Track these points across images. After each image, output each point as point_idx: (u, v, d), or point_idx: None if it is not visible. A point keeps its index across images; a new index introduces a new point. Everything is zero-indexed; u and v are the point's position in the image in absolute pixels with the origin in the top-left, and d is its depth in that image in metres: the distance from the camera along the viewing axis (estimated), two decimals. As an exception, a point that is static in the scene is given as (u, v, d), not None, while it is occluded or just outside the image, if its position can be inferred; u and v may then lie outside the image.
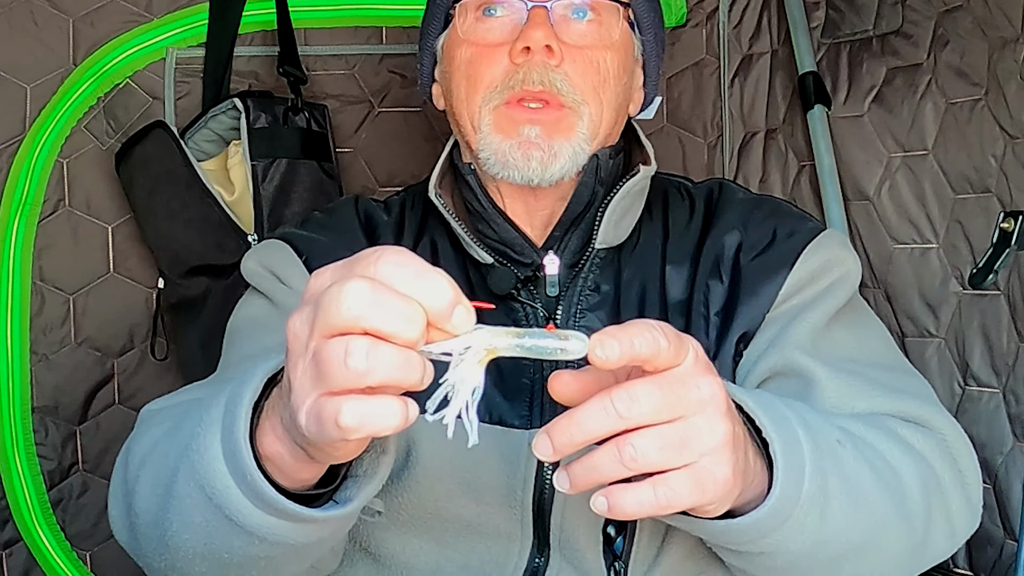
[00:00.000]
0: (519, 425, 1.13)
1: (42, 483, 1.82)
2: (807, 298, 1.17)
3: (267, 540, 0.84)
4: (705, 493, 0.77)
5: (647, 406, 0.74)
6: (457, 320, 0.69)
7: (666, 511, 0.76)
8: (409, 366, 0.68)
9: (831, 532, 0.90)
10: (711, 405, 0.76)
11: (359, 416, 0.67)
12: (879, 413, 1.08)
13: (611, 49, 1.20)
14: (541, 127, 1.16)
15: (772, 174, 2.01)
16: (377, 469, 0.86)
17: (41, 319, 1.83)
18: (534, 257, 1.20)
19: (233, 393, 0.82)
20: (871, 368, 1.14)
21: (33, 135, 1.80)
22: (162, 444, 0.95)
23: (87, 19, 1.82)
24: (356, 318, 0.66)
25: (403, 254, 0.69)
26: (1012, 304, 1.54)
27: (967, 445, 1.12)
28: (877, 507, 0.95)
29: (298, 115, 1.80)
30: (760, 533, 0.86)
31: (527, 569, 1.13)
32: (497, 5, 1.19)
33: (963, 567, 1.62)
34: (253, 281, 1.25)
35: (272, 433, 0.80)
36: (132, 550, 1.01)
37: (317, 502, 0.85)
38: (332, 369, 0.67)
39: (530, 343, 0.71)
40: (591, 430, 0.74)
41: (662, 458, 0.75)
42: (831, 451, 0.91)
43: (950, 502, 1.06)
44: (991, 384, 1.59)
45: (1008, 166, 1.55)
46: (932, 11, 1.71)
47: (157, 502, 0.92)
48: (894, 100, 1.77)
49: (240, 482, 0.81)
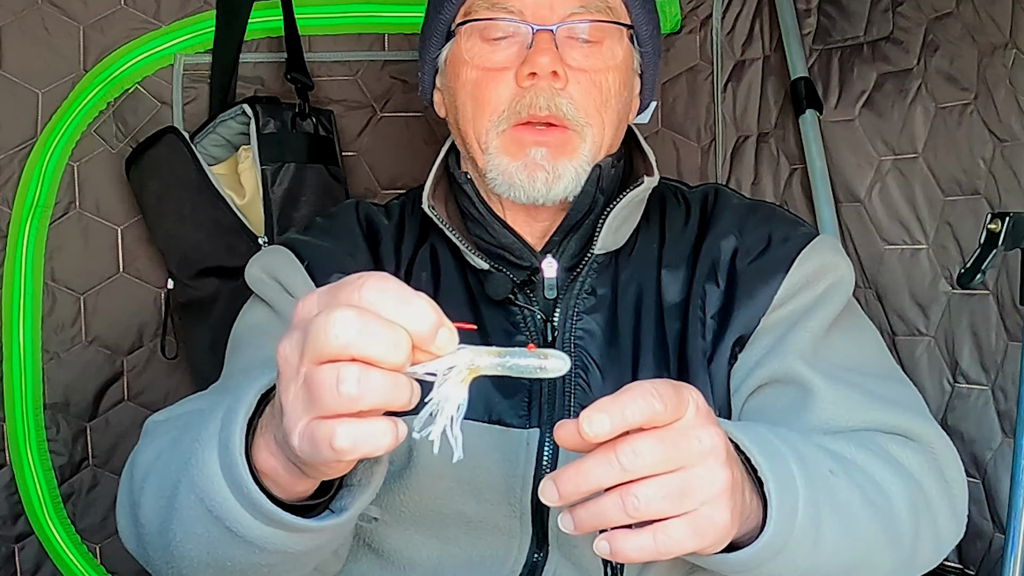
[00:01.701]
0: (517, 424, 1.13)
1: (53, 478, 1.82)
2: (804, 304, 1.16)
3: (266, 549, 0.84)
4: (704, 539, 0.79)
5: (650, 459, 0.76)
6: (441, 342, 0.70)
7: (665, 557, 0.78)
8: (398, 389, 0.68)
9: (823, 558, 0.92)
10: (711, 455, 0.78)
11: (352, 439, 0.68)
12: (872, 428, 1.08)
13: (613, 70, 1.18)
14: (547, 148, 1.15)
15: (764, 177, 2.01)
16: (371, 479, 0.86)
17: (52, 318, 1.82)
18: (532, 261, 1.19)
19: (228, 409, 0.83)
20: (867, 378, 1.14)
21: (45, 139, 1.80)
22: (164, 456, 0.95)
23: (97, 26, 1.82)
24: (345, 346, 0.67)
25: (385, 279, 0.70)
26: (1000, 303, 1.54)
27: (954, 455, 1.12)
28: (867, 531, 0.96)
29: (305, 120, 1.79)
30: (755, 564, 0.88)
31: (526, 564, 1.13)
32: (502, 28, 1.17)
33: (953, 560, 1.62)
34: (256, 288, 1.24)
35: (267, 449, 0.80)
36: (140, 558, 1.01)
37: (313, 511, 0.85)
38: (324, 395, 0.68)
39: (511, 362, 0.72)
40: (596, 481, 0.77)
41: (664, 507, 0.77)
42: (824, 482, 0.93)
43: (937, 515, 1.07)
44: (980, 381, 1.59)
45: (996, 169, 1.55)
46: (922, 17, 1.70)
47: (161, 513, 0.92)
48: (884, 104, 1.76)
49: (238, 495, 0.81)
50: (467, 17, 1.19)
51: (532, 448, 1.12)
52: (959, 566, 1.61)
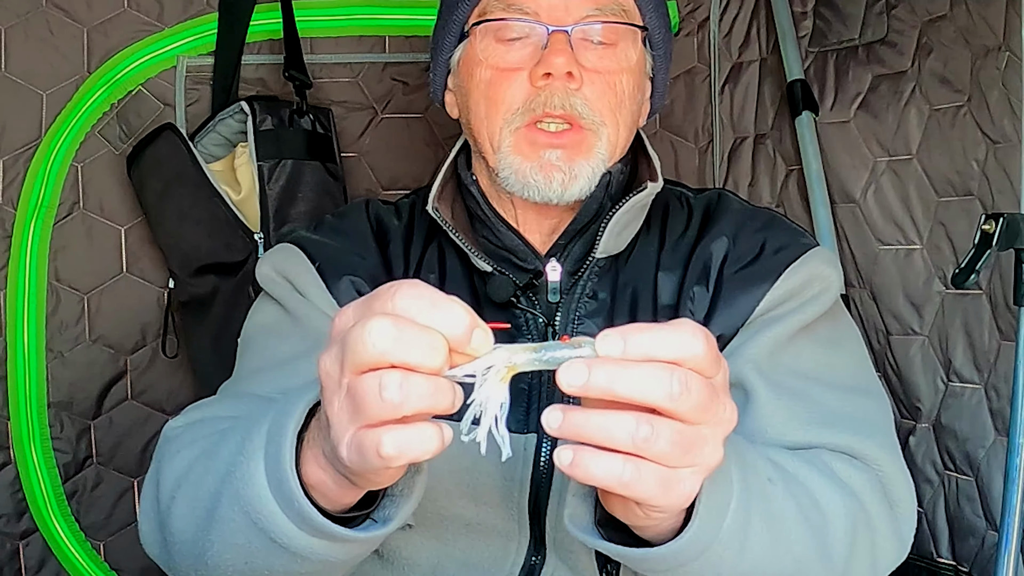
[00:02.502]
0: (516, 430, 1.12)
1: (57, 476, 1.82)
2: (781, 312, 1.14)
3: (309, 559, 0.84)
4: (667, 497, 0.73)
5: (694, 398, 0.69)
6: (476, 343, 0.69)
7: (622, 492, 0.71)
8: (440, 393, 0.68)
9: (748, 566, 0.87)
10: (724, 426, 0.74)
11: (400, 445, 0.68)
12: (817, 445, 1.05)
13: (627, 72, 1.17)
14: (562, 150, 1.14)
15: (761, 178, 2.01)
16: (413, 488, 0.86)
17: (56, 318, 1.83)
18: (536, 264, 1.18)
19: (275, 424, 0.82)
20: (824, 389, 1.10)
21: (49, 140, 1.80)
22: (197, 467, 0.95)
23: (101, 28, 1.82)
24: (383, 353, 0.67)
25: (417, 287, 0.69)
26: (993, 303, 1.54)
27: (904, 477, 1.08)
28: (798, 544, 0.92)
29: (303, 118, 1.79)
30: (678, 562, 0.84)
31: (524, 567, 1.13)
32: (517, 29, 1.16)
33: (947, 557, 1.62)
34: (267, 287, 1.23)
35: (315, 463, 0.80)
36: (165, 565, 1.00)
37: (354, 522, 0.85)
38: (368, 403, 0.68)
39: (547, 356, 0.71)
40: (636, 394, 0.68)
41: (667, 452, 0.70)
42: (760, 489, 0.89)
43: (876, 536, 1.03)
44: (973, 380, 1.59)
45: (990, 170, 1.55)
46: (916, 20, 1.70)
47: (197, 523, 0.91)
48: (879, 106, 1.77)
49: (286, 508, 0.81)
50: (482, 17, 1.18)
51: (530, 453, 1.11)
52: (952, 563, 1.61)
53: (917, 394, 1.69)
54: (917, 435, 1.68)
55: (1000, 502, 1.39)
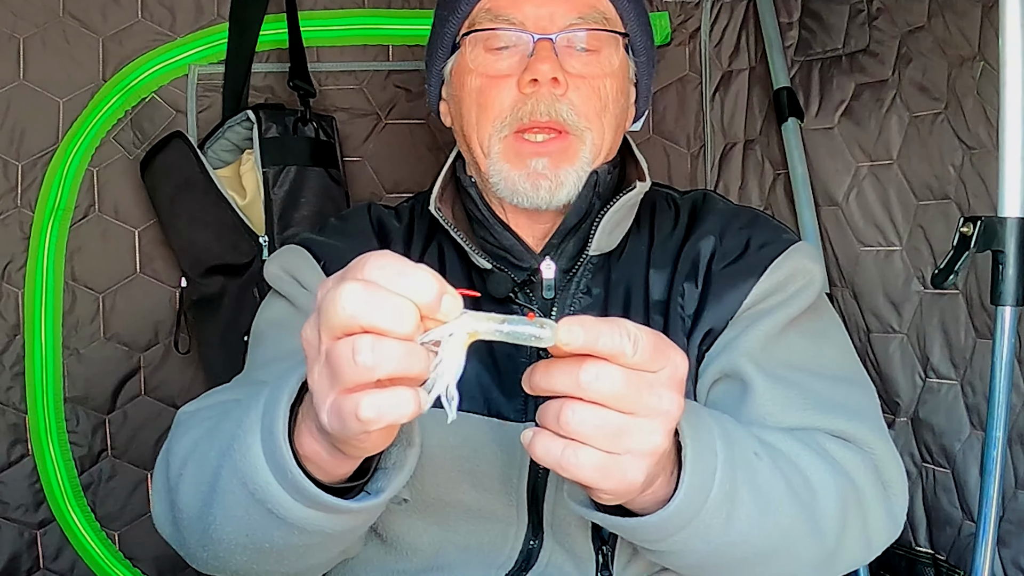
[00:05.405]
0: (514, 419, 1.14)
1: (74, 468, 1.83)
2: (768, 306, 1.16)
3: (305, 530, 0.85)
4: (606, 481, 0.77)
5: (606, 389, 0.74)
6: (446, 308, 0.71)
7: (563, 473, 0.77)
8: (412, 357, 0.69)
9: (737, 536, 0.90)
10: (662, 417, 0.77)
11: (376, 408, 0.69)
12: (811, 428, 1.07)
13: (611, 76, 1.20)
14: (548, 159, 1.16)
15: (750, 182, 2.02)
16: (405, 461, 0.87)
17: (73, 316, 1.83)
18: (531, 262, 1.20)
19: (270, 397, 0.84)
20: (815, 378, 1.13)
21: (65, 146, 1.81)
22: (203, 444, 0.96)
23: (116, 38, 1.83)
24: (352, 316, 0.68)
25: (386, 256, 0.71)
26: (969, 303, 1.55)
27: (895, 460, 1.10)
28: (786, 517, 0.94)
29: (307, 125, 1.80)
30: (667, 532, 0.86)
31: (522, 550, 1.14)
32: (504, 38, 1.19)
33: (924, 546, 1.63)
34: (275, 285, 1.26)
35: (309, 435, 0.81)
36: (175, 542, 1.02)
37: (350, 494, 0.86)
38: (343, 367, 0.69)
39: (508, 328, 0.72)
40: (555, 383, 0.75)
41: (592, 436, 0.75)
42: (746, 462, 0.91)
43: (868, 514, 1.05)
44: (950, 376, 1.60)
45: (966, 175, 1.56)
46: (897, 31, 1.72)
47: (201, 498, 0.93)
48: (862, 113, 1.78)
49: (281, 479, 0.82)
50: (471, 28, 1.21)
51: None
52: (930, 551, 1.63)
53: (896, 389, 1.71)
54: (896, 429, 1.69)
55: (976, 493, 1.40)
